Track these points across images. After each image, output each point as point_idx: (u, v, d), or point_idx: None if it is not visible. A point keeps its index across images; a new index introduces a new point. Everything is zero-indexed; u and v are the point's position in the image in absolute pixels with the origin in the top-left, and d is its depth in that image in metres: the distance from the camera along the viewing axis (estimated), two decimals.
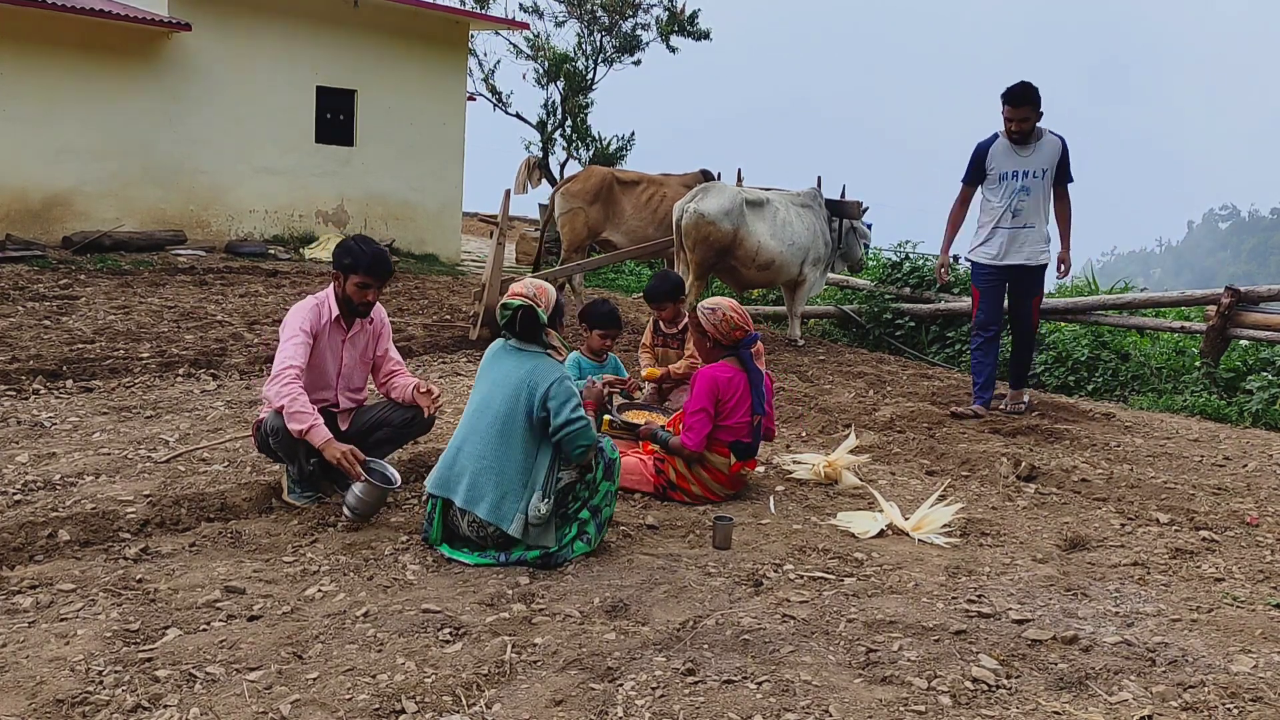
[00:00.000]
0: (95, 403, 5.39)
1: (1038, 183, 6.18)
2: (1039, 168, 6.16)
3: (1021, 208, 6.18)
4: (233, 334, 7.49)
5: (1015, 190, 6.18)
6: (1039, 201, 6.19)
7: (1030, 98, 6.02)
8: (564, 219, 9.40)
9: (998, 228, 6.26)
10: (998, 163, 6.24)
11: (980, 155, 6.33)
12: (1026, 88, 6.02)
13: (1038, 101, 6.04)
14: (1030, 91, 6.02)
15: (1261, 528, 4.24)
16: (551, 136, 19.84)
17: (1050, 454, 5.43)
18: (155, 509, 3.74)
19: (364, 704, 2.48)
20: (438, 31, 14.75)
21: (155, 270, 10.58)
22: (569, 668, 2.71)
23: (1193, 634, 3.11)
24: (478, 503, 3.45)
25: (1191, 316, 9.01)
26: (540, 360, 3.57)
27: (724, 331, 4.37)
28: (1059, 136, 6.20)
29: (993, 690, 2.68)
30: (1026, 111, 6.03)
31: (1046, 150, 6.16)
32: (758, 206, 8.25)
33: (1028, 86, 6.02)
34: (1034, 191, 6.18)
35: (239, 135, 13.08)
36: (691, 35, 19.54)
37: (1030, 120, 6.06)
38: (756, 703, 2.55)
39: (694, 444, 4.25)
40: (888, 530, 4.01)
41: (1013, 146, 6.19)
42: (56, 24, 11.45)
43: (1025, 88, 6.02)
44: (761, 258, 8.21)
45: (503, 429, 3.48)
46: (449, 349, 7.65)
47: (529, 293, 3.61)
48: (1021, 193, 6.18)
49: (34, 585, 3.09)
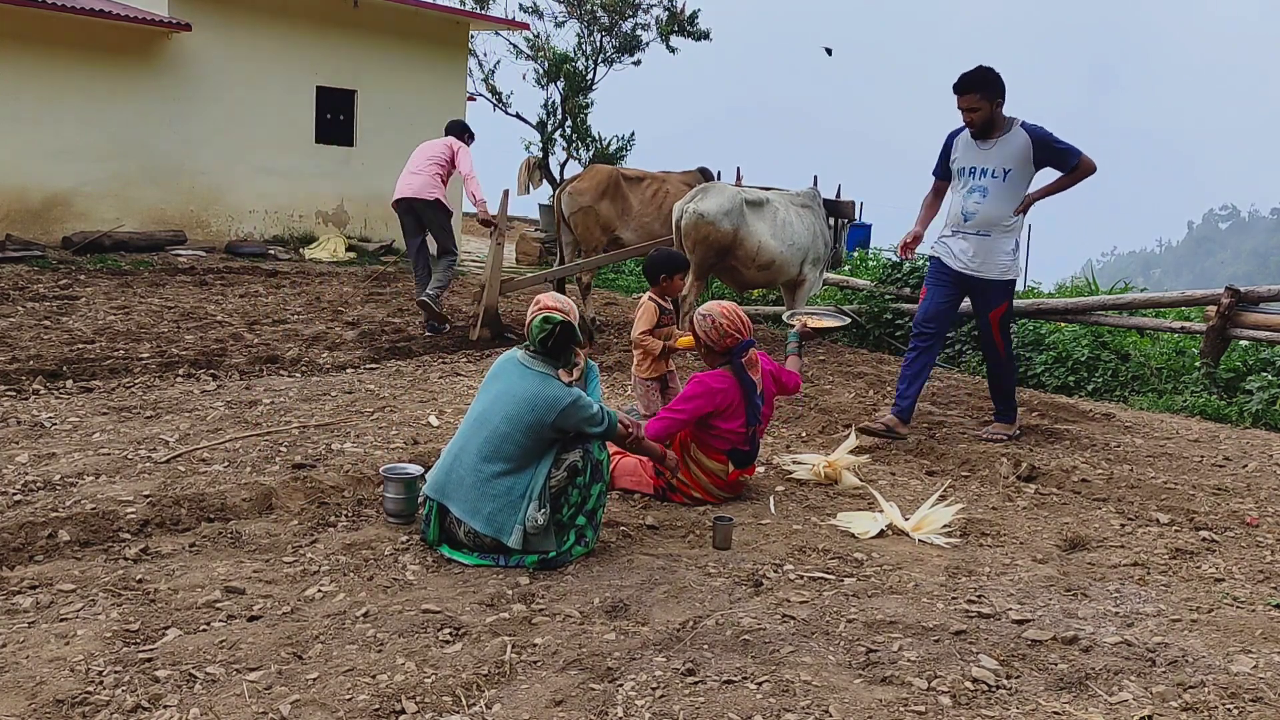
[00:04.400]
0: (95, 403, 5.39)
1: (997, 184, 5.35)
2: (999, 166, 5.34)
3: (975, 211, 5.40)
4: (233, 334, 7.49)
5: (970, 190, 5.44)
6: (998, 205, 5.37)
7: (974, 83, 5.26)
8: (575, 219, 9.35)
9: (954, 233, 5.56)
10: (960, 156, 5.52)
11: (947, 146, 5.63)
12: (973, 72, 5.29)
13: (987, 88, 5.26)
14: (975, 76, 5.27)
15: (1261, 528, 4.24)
16: (551, 137, 19.84)
17: (1050, 454, 5.43)
18: (155, 509, 3.74)
19: (364, 704, 2.48)
20: (438, 31, 14.76)
21: (155, 270, 10.58)
22: (569, 668, 2.71)
23: (1193, 634, 3.11)
24: (474, 515, 3.44)
25: (1191, 317, 9.01)
26: (546, 384, 3.49)
27: (714, 339, 4.34)
28: (1034, 129, 5.34)
29: (993, 690, 2.68)
30: (972, 99, 5.28)
31: (1011, 147, 5.33)
32: (757, 206, 8.25)
33: (976, 70, 5.29)
34: (991, 194, 5.36)
35: (239, 135, 13.09)
36: (691, 35, 19.55)
37: (981, 110, 5.28)
38: (756, 703, 2.55)
39: (653, 431, 4.16)
40: (888, 530, 4.01)
41: (974, 140, 5.43)
42: (56, 24, 11.46)
43: (972, 72, 5.29)
44: (762, 258, 8.20)
45: (499, 446, 3.46)
46: (449, 349, 7.65)
47: (565, 308, 3.60)
48: (977, 194, 5.40)
49: (34, 585, 3.09)
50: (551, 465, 3.49)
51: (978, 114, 5.30)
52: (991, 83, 5.26)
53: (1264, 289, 7.64)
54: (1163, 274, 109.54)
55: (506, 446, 3.45)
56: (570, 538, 3.52)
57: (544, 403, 3.45)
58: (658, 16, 19.54)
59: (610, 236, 9.31)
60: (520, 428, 3.44)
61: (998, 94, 5.29)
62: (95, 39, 11.80)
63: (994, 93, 5.27)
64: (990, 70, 5.28)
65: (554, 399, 3.46)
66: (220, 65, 12.81)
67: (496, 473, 3.45)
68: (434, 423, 5.36)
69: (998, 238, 5.43)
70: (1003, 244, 5.46)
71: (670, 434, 4.23)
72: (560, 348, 3.55)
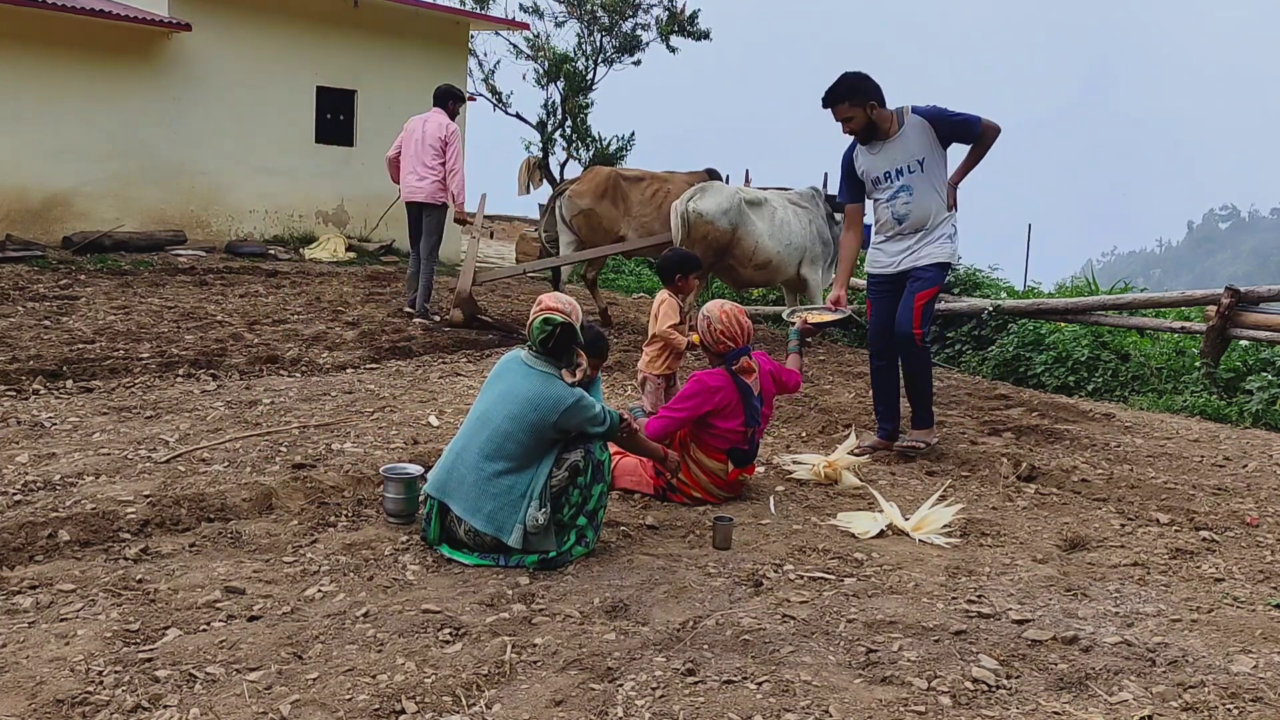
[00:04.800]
0: (95, 403, 5.39)
1: (917, 176, 5.12)
2: (913, 159, 5.10)
3: (906, 212, 5.16)
4: (233, 334, 7.49)
5: (894, 193, 5.16)
6: (926, 196, 5.14)
7: (841, 93, 5.03)
8: (577, 222, 9.33)
9: (887, 239, 5.31)
10: (866, 167, 5.23)
11: (847, 167, 5.34)
12: (837, 83, 5.05)
13: (854, 94, 5.03)
14: (839, 86, 5.03)
15: (1261, 528, 4.25)
16: (551, 137, 19.84)
17: (1050, 454, 5.43)
18: (155, 509, 3.74)
19: (364, 704, 2.48)
20: (438, 31, 14.76)
21: (155, 270, 10.58)
22: (569, 668, 2.71)
23: (1193, 634, 3.11)
24: (475, 514, 3.44)
25: (1191, 317, 9.01)
26: (549, 384, 3.50)
27: (709, 340, 4.39)
28: (924, 110, 5.10)
29: (993, 690, 2.68)
30: (843, 110, 5.05)
31: (912, 136, 5.08)
32: (756, 206, 8.26)
33: (839, 80, 5.05)
34: (917, 189, 5.13)
35: (239, 135, 13.08)
36: (691, 35, 19.55)
37: (855, 117, 5.05)
38: (756, 703, 2.55)
39: (652, 430, 4.19)
40: (888, 530, 4.01)
41: (868, 147, 5.19)
42: (56, 24, 11.45)
43: (836, 83, 5.05)
44: (759, 257, 8.20)
45: (501, 445, 3.46)
46: (449, 349, 7.65)
47: (566, 309, 3.58)
48: (904, 194, 5.14)
49: (34, 585, 3.09)
50: (553, 465, 3.50)
51: (853, 122, 5.08)
52: (858, 88, 5.04)
53: (1264, 289, 7.64)
54: (1163, 274, 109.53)
55: (508, 446, 3.45)
56: (570, 538, 3.52)
57: (547, 403, 3.45)
58: (658, 16, 19.54)
59: (614, 237, 9.30)
60: (523, 427, 3.45)
61: (869, 97, 5.04)
62: (95, 39, 11.80)
63: (863, 97, 5.04)
64: (854, 75, 5.08)
65: (557, 399, 3.46)
66: (220, 65, 12.81)
67: (498, 471, 3.45)
68: (434, 423, 5.36)
69: (934, 228, 5.19)
70: (940, 231, 5.20)
71: (670, 433, 4.23)
72: (561, 349, 3.55)
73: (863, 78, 5.06)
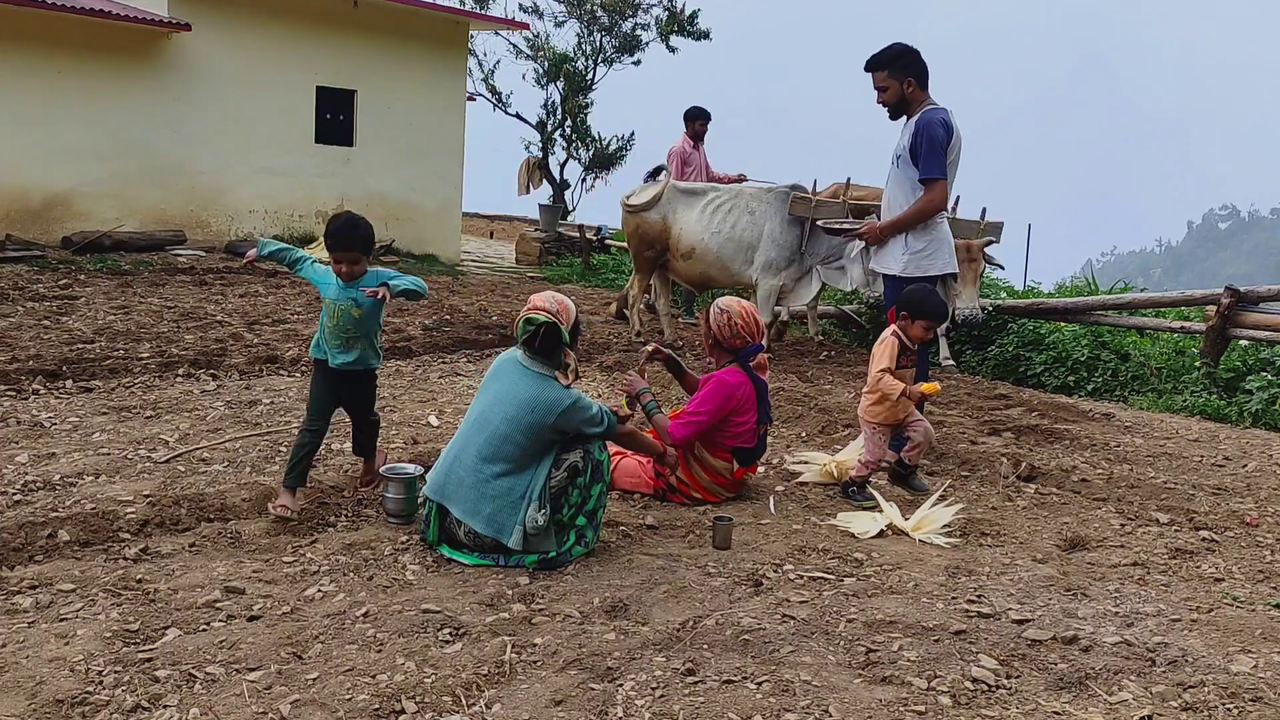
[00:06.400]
0: (95, 403, 5.39)
1: (893, 169, 5.01)
2: (897, 152, 5.03)
3: (888, 200, 5.10)
4: (233, 334, 7.49)
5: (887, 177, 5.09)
6: (896, 193, 5.01)
7: (882, 61, 4.93)
8: None
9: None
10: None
11: None
12: (883, 49, 4.96)
13: (893, 62, 4.91)
14: (883, 53, 4.94)
15: (1261, 528, 4.25)
16: (551, 137, 19.85)
17: (1050, 454, 5.43)
18: (155, 509, 3.74)
19: (364, 704, 2.48)
20: (438, 31, 14.76)
21: (155, 270, 10.58)
22: (569, 668, 2.71)
23: (1193, 634, 3.11)
24: (474, 516, 3.44)
25: (1191, 317, 9.00)
26: (545, 386, 3.49)
27: (725, 335, 4.34)
28: (922, 121, 4.87)
29: (993, 690, 2.68)
30: (881, 78, 4.95)
31: (907, 132, 4.97)
32: (690, 195, 7.98)
33: (887, 47, 4.96)
34: (891, 180, 5.02)
35: (239, 135, 13.08)
36: (691, 35, 19.55)
37: (890, 88, 4.93)
38: (756, 703, 2.55)
39: (680, 437, 4.17)
40: (888, 530, 4.02)
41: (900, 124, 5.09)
42: (56, 24, 11.45)
43: (882, 50, 4.96)
44: (682, 246, 7.82)
45: (499, 447, 3.45)
46: (449, 349, 7.65)
47: (552, 308, 3.53)
48: (890, 180, 5.08)
49: (34, 585, 3.09)
50: (552, 465, 3.49)
51: (886, 94, 4.96)
52: (900, 60, 4.90)
53: (1264, 289, 7.64)
54: (1163, 274, 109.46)
55: (506, 447, 3.45)
56: (570, 538, 3.52)
57: (543, 404, 3.45)
58: (658, 16, 19.55)
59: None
60: (520, 428, 3.44)
61: (908, 73, 4.90)
62: (95, 39, 11.79)
63: (902, 72, 4.90)
64: (901, 47, 4.93)
65: (553, 401, 3.46)
66: (220, 65, 12.81)
67: (496, 473, 3.45)
68: (434, 423, 5.36)
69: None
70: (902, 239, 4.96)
71: (694, 439, 4.24)
72: (547, 349, 3.52)
73: (909, 52, 4.93)
